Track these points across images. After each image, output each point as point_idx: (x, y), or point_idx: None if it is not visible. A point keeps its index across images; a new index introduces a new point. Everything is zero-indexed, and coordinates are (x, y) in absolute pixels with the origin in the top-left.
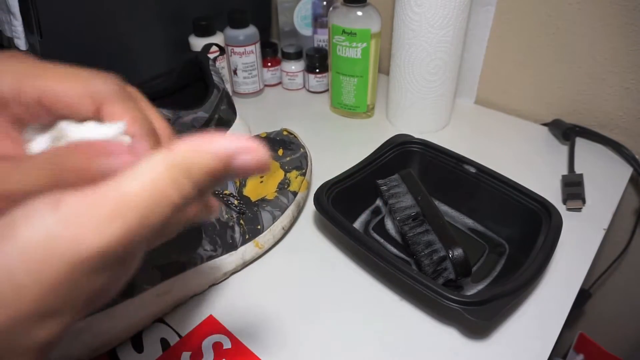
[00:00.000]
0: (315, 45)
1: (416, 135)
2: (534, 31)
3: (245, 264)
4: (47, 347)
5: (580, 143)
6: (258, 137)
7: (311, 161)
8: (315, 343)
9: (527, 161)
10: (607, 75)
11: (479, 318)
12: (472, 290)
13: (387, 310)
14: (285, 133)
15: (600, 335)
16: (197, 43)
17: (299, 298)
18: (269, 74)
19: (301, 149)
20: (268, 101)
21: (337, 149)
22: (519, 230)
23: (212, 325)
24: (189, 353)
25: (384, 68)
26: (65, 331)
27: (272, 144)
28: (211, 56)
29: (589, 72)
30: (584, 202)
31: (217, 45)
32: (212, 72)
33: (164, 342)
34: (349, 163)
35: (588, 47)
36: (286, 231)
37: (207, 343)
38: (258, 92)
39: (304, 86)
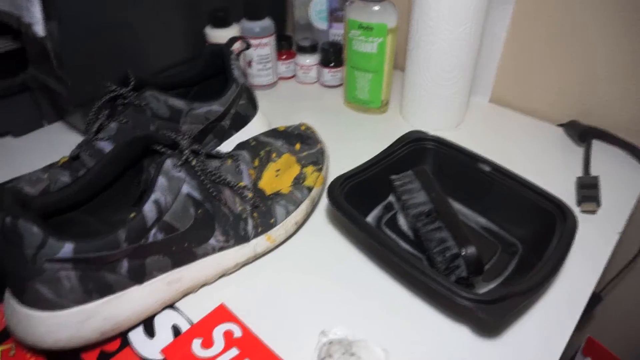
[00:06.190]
0: (330, 39)
1: (430, 133)
2: (552, 30)
3: (256, 257)
4: None
5: (597, 145)
6: (276, 130)
7: (328, 157)
8: None
9: (541, 162)
10: (626, 76)
11: (491, 316)
12: (483, 289)
13: (399, 306)
14: (303, 128)
15: (608, 339)
16: (213, 34)
17: (310, 291)
18: (283, 67)
19: (318, 145)
20: (281, 94)
21: (350, 143)
22: (532, 231)
23: (223, 314)
24: (200, 340)
25: (398, 64)
26: None
27: (290, 138)
28: (236, 50)
29: (608, 73)
30: (598, 204)
31: (243, 39)
32: (234, 66)
33: (175, 329)
34: (361, 158)
35: (607, 48)
36: (299, 226)
37: (218, 331)
38: (272, 85)
39: (318, 80)
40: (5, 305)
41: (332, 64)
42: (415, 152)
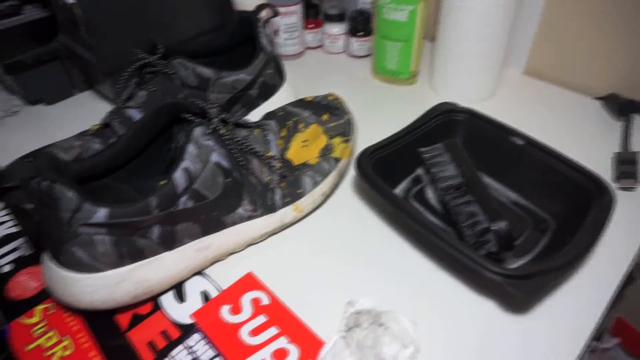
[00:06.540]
0: (359, 7)
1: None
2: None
3: (283, 227)
4: None
5: (637, 120)
6: (304, 100)
7: (356, 128)
8: None
9: (577, 136)
10: None
11: (521, 292)
12: (512, 265)
13: (424, 279)
14: (331, 98)
15: (638, 320)
16: (241, 1)
17: (336, 262)
18: (310, 36)
19: (346, 116)
20: (308, 64)
21: (377, 115)
22: (566, 207)
23: (251, 282)
24: (228, 306)
25: (427, 33)
26: None
27: (317, 108)
28: (264, 17)
29: None
30: (637, 181)
31: (271, 6)
32: (261, 35)
33: (205, 294)
34: (389, 130)
35: None
36: (326, 197)
37: (246, 298)
38: (299, 55)
39: (346, 50)
40: (44, 267)
41: (360, 33)
42: (446, 124)
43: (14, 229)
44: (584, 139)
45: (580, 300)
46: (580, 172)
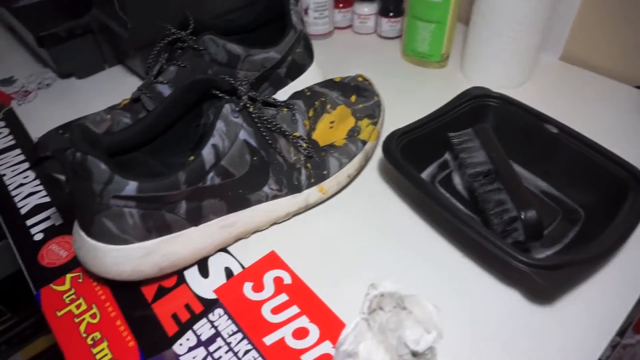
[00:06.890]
0: None
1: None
2: None
3: (308, 207)
4: None
5: None
6: (332, 81)
7: (384, 111)
8: None
9: (614, 126)
10: None
11: (550, 283)
12: (539, 255)
13: (449, 265)
14: (360, 79)
15: None
16: None
17: (359, 245)
18: (340, 16)
19: (375, 97)
20: (337, 44)
21: (406, 98)
22: (598, 198)
23: (274, 261)
24: (250, 284)
25: (460, 16)
26: None
27: (346, 89)
28: None
29: None
30: None
31: None
32: (292, 12)
33: (228, 271)
34: (417, 114)
35: None
36: (351, 179)
37: (269, 277)
38: (327, 35)
39: (375, 30)
40: (75, 237)
41: (391, 14)
42: (476, 109)
43: (46, 199)
44: (621, 128)
45: (609, 294)
46: (616, 163)
